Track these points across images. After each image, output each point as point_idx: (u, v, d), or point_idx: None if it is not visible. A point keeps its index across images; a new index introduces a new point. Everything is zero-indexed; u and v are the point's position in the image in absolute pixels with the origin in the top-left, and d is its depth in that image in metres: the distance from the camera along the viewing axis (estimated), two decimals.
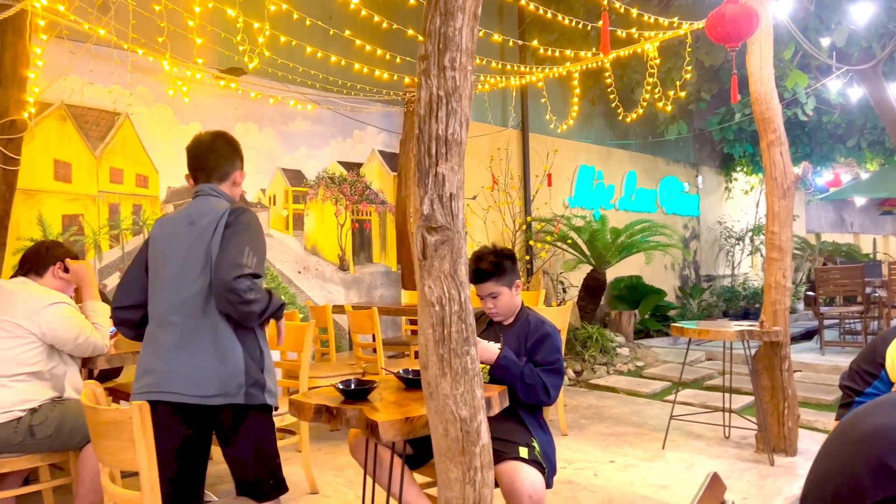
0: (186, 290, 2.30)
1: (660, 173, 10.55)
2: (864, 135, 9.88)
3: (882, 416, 0.91)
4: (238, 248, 2.25)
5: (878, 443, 0.86)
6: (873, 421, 0.90)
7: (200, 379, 2.22)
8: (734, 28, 3.69)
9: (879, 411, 0.93)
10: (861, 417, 0.95)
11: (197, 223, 2.39)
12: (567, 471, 4.15)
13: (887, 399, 0.96)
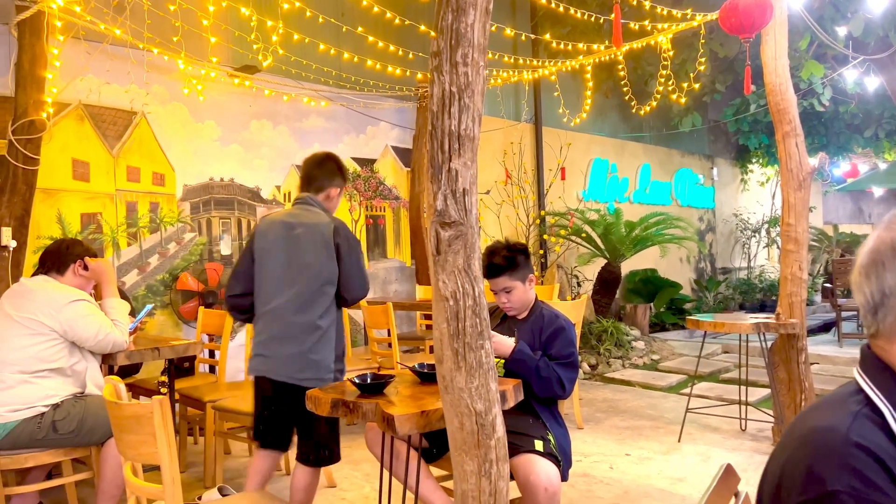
0: (286, 294, 2.88)
1: (674, 166, 10.49)
2: (882, 124, 9.76)
3: (818, 417, 0.90)
4: (359, 269, 2.94)
5: (808, 445, 0.86)
6: (811, 422, 0.90)
7: (296, 365, 2.86)
8: (748, 19, 3.67)
9: (818, 412, 0.92)
10: (805, 417, 0.94)
11: (295, 230, 2.91)
12: (583, 464, 4.16)
13: (828, 399, 0.96)
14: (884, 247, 0.92)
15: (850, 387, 0.95)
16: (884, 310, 0.91)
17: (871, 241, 0.94)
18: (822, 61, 7.17)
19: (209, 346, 4.51)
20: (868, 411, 0.88)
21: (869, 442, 0.83)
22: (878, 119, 9.73)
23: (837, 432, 0.85)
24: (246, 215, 5.76)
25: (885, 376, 0.91)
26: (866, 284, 0.93)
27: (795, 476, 0.85)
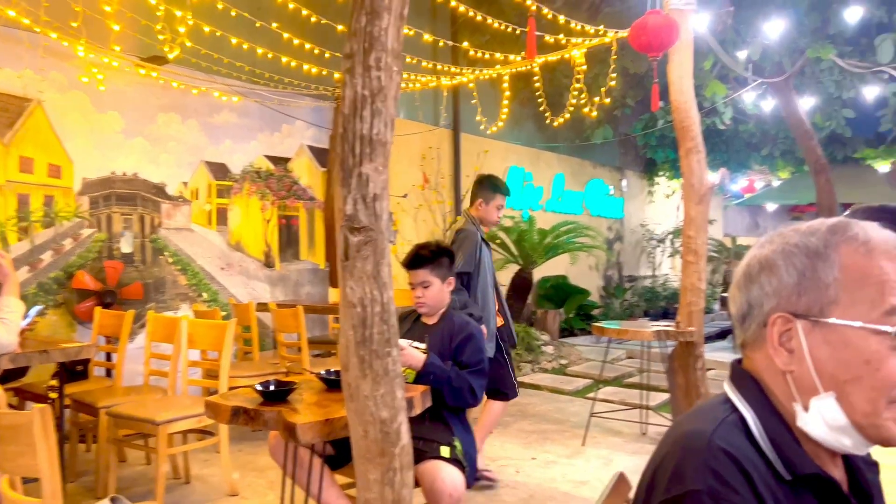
0: None
1: (586, 176, 10.80)
2: (777, 144, 10.38)
3: (690, 423, 0.95)
4: None
5: (677, 447, 0.91)
6: (683, 427, 0.95)
7: None
8: (656, 38, 3.81)
9: (690, 418, 0.98)
10: (679, 422, 0.99)
11: None
12: (490, 468, 4.20)
13: (701, 406, 1.01)
14: (754, 262, 0.99)
15: (719, 398, 1.01)
16: (749, 319, 0.98)
17: (746, 258, 1.01)
18: (724, 82, 7.55)
19: (105, 348, 4.28)
20: (734, 418, 0.94)
21: (731, 446, 0.88)
22: (774, 139, 10.35)
23: (703, 436, 0.90)
24: (150, 212, 5.52)
25: (750, 385, 0.97)
26: (738, 297, 1.00)
27: (663, 476, 0.89)
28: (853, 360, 0.89)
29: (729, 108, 8.23)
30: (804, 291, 0.92)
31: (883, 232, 0.95)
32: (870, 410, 0.89)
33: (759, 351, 0.97)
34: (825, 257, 0.92)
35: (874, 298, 0.89)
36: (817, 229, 0.96)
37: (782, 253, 0.96)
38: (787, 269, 0.94)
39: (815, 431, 0.92)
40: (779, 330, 0.94)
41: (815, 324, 0.91)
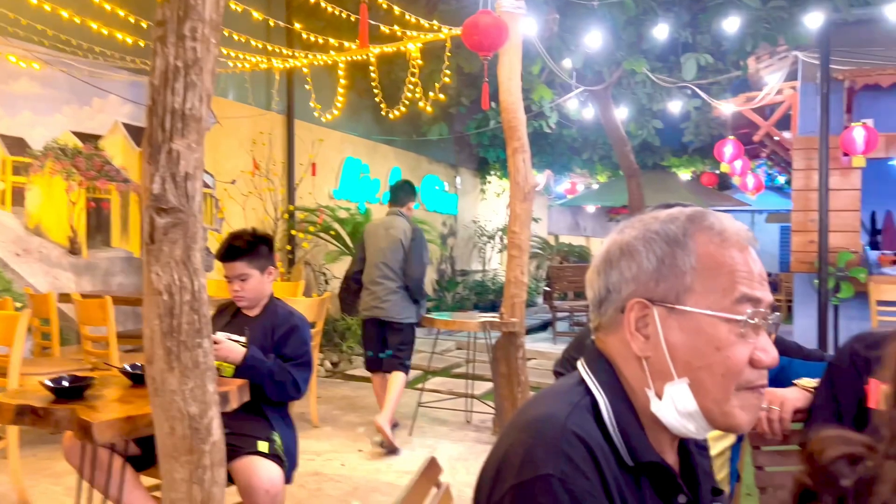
0: (384, 268, 4.74)
1: (422, 171, 10.95)
2: (597, 149, 11.14)
3: (541, 407, 0.96)
4: (419, 257, 4.75)
5: (528, 432, 0.91)
6: (534, 412, 0.95)
7: (395, 310, 4.72)
8: (486, 38, 3.92)
9: (541, 402, 0.98)
10: (529, 406, 0.99)
11: (390, 230, 4.80)
12: (315, 463, 4.12)
13: (552, 389, 1.03)
14: (614, 248, 0.99)
15: (573, 378, 1.00)
16: (606, 304, 0.98)
17: (606, 244, 1.02)
18: (551, 87, 7.95)
19: None
20: (587, 402, 0.94)
21: (583, 431, 0.89)
22: (594, 144, 11.10)
23: (556, 420, 0.89)
24: None
25: (603, 366, 0.98)
26: (596, 281, 1.00)
27: (514, 461, 0.87)
28: (705, 347, 0.91)
29: (555, 113, 8.69)
30: (662, 278, 0.94)
31: (735, 223, 0.98)
32: (720, 397, 0.91)
33: (614, 335, 0.98)
34: (683, 245, 0.94)
35: (726, 287, 0.92)
36: (676, 217, 0.98)
37: (643, 239, 0.97)
38: (648, 256, 0.95)
39: (665, 417, 0.93)
40: (636, 315, 0.94)
41: (671, 310, 0.93)
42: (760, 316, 0.92)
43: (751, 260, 0.95)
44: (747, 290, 0.92)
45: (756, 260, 0.97)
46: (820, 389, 1.70)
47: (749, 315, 0.91)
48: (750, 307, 0.92)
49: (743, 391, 0.92)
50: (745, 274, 0.93)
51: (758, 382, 0.93)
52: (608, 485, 0.86)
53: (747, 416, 0.93)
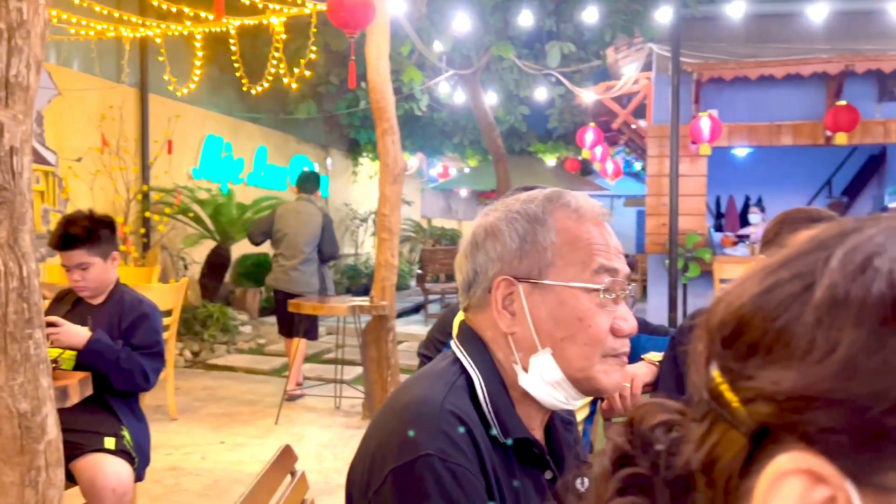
0: (297, 246, 5.43)
1: (291, 151, 10.63)
2: (467, 133, 11.30)
3: (417, 389, 0.97)
4: (332, 237, 5.61)
5: (405, 414, 0.92)
6: (410, 394, 0.96)
7: (302, 285, 5.41)
8: (352, 16, 3.83)
9: (418, 384, 0.99)
10: (405, 389, 1.00)
11: (301, 213, 5.52)
12: (173, 457, 3.91)
13: (427, 371, 1.03)
14: (479, 230, 1.02)
15: (448, 358, 1.02)
16: (475, 285, 1.01)
17: (472, 227, 1.04)
18: (421, 69, 7.94)
19: None
20: (462, 381, 0.96)
21: (460, 410, 0.90)
22: (464, 128, 11.24)
23: (434, 401, 0.91)
24: None
25: (476, 345, 1.00)
26: (465, 264, 1.02)
27: (392, 444, 0.88)
28: (568, 318, 0.95)
29: (425, 96, 8.70)
30: (525, 255, 0.97)
31: (590, 200, 1.03)
32: (584, 364, 0.95)
33: (483, 314, 1.00)
34: (543, 222, 0.98)
35: (584, 260, 0.96)
36: (535, 197, 1.01)
37: (505, 220, 1.00)
38: (510, 235, 0.98)
39: (533, 390, 0.96)
40: (502, 293, 0.97)
41: (534, 286, 0.96)
42: (618, 286, 0.97)
43: (606, 234, 1.00)
44: (605, 261, 0.97)
45: (611, 234, 1.02)
46: (664, 363, 1.80)
47: (607, 284, 0.95)
48: (608, 277, 0.96)
49: (607, 358, 0.96)
50: (602, 246, 0.98)
51: (620, 350, 0.98)
52: (484, 462, 0.89)
53: (611, 380, 0.98)
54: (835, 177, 10.78)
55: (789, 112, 7.38)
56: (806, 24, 6.59)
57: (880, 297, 0.31)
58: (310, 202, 5.61)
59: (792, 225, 1.66)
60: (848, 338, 0.31)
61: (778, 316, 0.33)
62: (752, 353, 0.34)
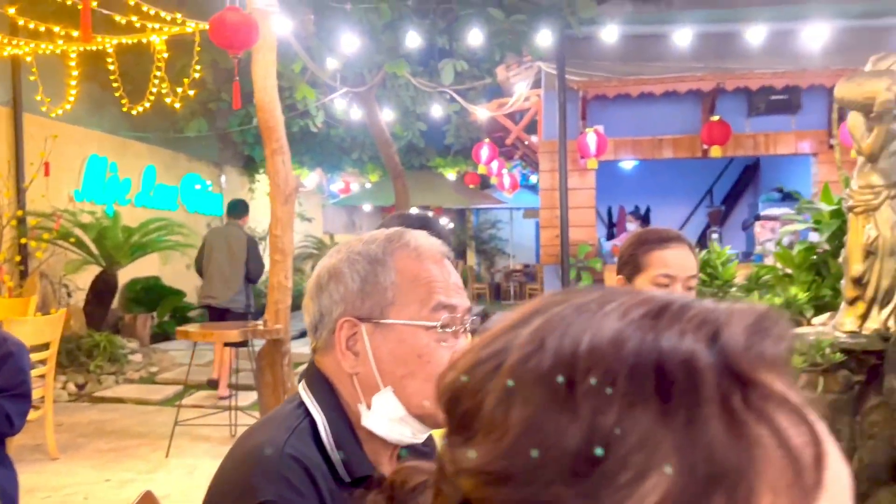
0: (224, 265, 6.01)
1: (182, 170, 10.27)
2: (366, 149, 11.28)
3: (260, 434, 0.97)
4: (259, 259, 6.24)
5: (247, 461, 0.91)
6: (253, 440, 0.95)
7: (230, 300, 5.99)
8: (235, 36, 3.76)
9: (261, 429, 0.99)
10: (248, 435, 1.00)
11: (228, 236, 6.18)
12: (52, 500, 3.69)
13: (272, 415, 1.04)
14: (323, 272, 1.03)
15: (294, 401, 1.02)
16: (321, 327, 1.01)
17: (317, 269, 1.04)
18: (316, 86, 7.88)
19: None
20: (306, 424, 0.96)
21: (301, 454, 0.90)
22: (363, 144, 11.22)
23: (276, 446, 0.90)
24: None
25: (322, 387, 1.00)
26: (311, 306, 1.03)
27: (234, 491, 0.87)
28: (408, 355, 0.96)
29: (321, 112, 8.63)
30: (367, 296, 0.98)
31: (430, 239, 1.05)
32: (425, 400, 0.96)
33: (330, 356, 1.01)
34: (383, 263, 0.99)
35: (423, 298, 0.98)
36: (376, 238, 1.03)
37: (347, 261, 1.01)
38: (352, 276, 0.99)
39: (377, 428, 0.97)
40: (346, 334, 0.98)
41: (376, 325, 0.98)
42: (457, 321, 0.99)
43: (445, 271, 1.03)
44: (443, 298, 0.99)
45: (451, 271, 1.05)
46: None
47: (444, 321, 0.98)
48: (446, 313, 0.99)
49: None
50: (441, 284, 1.00)
51: None
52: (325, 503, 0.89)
53: None
54: (715, 186, 11.46)
55: (669, 127, 7.80)
56: (681, 44, 7.00)
57: (544, 376, 0.33)
58: (236, 226, 6.24)
59: (644, 246, 1.75)
60: (518, 416, 0.33)
61: (477, 392, 0.35)
62: (462, 425, 0.36)
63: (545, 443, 0.32)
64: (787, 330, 0.36)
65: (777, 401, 0.32)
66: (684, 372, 0.32)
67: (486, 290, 15.39)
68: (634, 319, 0.35)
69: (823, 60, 6.75)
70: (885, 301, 2.92)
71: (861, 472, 2.73)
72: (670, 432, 0.31)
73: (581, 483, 0.32)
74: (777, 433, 0.31)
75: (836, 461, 0.33)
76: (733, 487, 0.30)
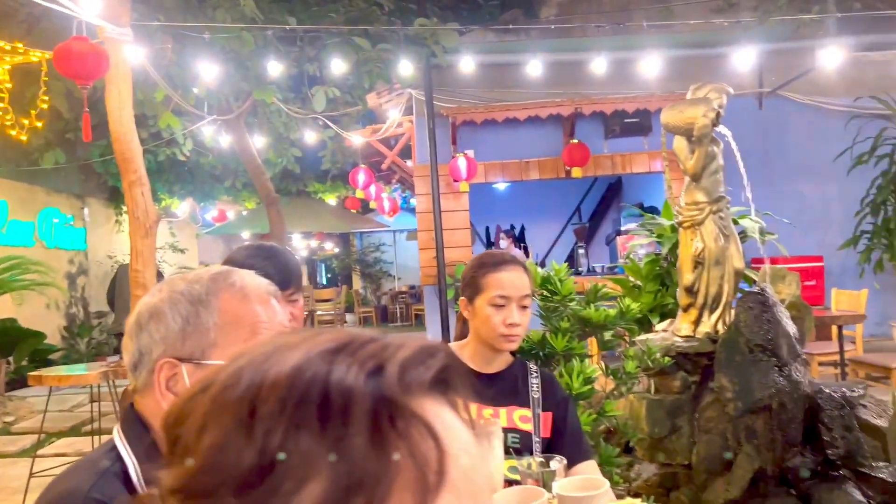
0: None
1: (39, 204, 9.64)
2: (239, 176, 11.04)
3: (66, 481, 0.95)
4: None
5: None
6: (58, 487, 0.94)
7: None
8: (82, 66, 3.63)
9: (68, 475, 0.98)
10: (56, 481, 0.98)
11: None
12: None
13: (82, 460, 1.02)
14: (144, 310, 1.01)
15: (107, 445, 0.99)
16: (140, 367, 1.00)
17: (137, 307, 1.03)
18: (182, 114, 7.66)
19: None
20: (118, 467, 0.94)
21: (108, 498, 0.89)
22: (235, 172, 10.97)
23: (79, 493, 0.88)
24: None
25: (136, 429, 0.99)
26: (130, 345, 1.01)
27: None
28: None
29: (189, 140, 8.39)
30: (188, 336, 0.98)
31: (257, 279, 1.06)
32: None
33: (150, 397, 0.99)
34: (207, 304, 0.99)
35: (247, 339, 0.99)
36: (201, 277, 1.02)
37: (169, 300, 1.00)
38: (173, 317, 0.98)
39: None
40: (166, 375, 0.97)
41: (197, 366, 0.97)
42: None
43: (271, 311, 1.05)
44: None
45: (277, 310, 1.08)
46: None
47: None
48: None
49: None
50: (266, 325, 1.03)
51: None
52: None
53: None
54: (582, 204, 12.08)
55: (534, 150, 8.19)
56: (540, 72, 7.39)
57: (233, 404, 0.40)
58: None
59: (482, 269, 1.87)
60: (208, 440, 0.39)
61: (185, 419, 0.41)
62: (171, 449, 0.42)
63: (225, 462, 0.39)
64: (442, 359, 0.44)
65: (415, 421, 0.40)
66: (342, 399, 0.39)
67: (372, 313, 15.36)
68: (317, 354, 0.42)
69: (668, 85, 7.34)
70: (714, 306, 3.22)
71: (699, 465, 2.98)
72: (325, 449, 0.38)
73: (251, 494, 0.38)
74: (409, 446, 0.39)
75: (462, 463, 0.41)
76: (371, 491, 0.38)
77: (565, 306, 2.39)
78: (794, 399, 2.80)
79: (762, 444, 2.79)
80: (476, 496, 0.42)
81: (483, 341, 1.86)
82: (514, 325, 1.79)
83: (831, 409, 2.77)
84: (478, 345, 1.88)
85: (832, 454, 2.72)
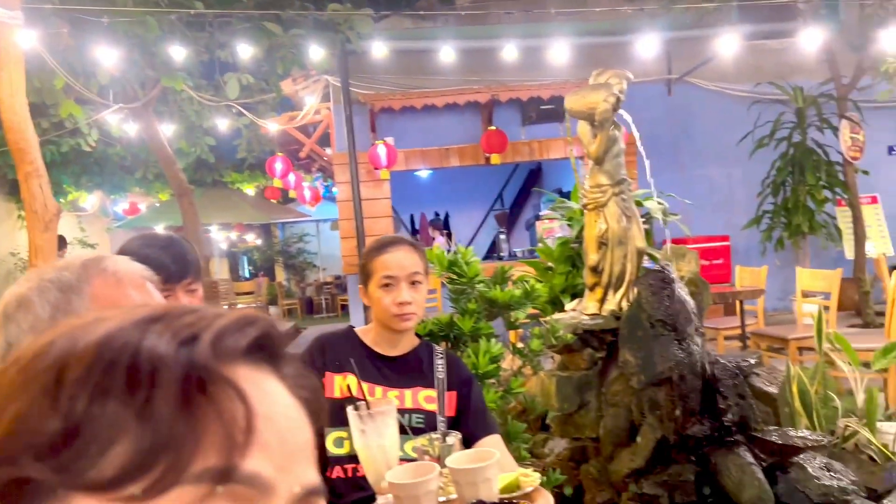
0: None
1: None
2: (150, 167, 10.64)
3: None
4: None
5: None
6: None
7: None
8: None
9: None
10: None
11: None
12: None
13: None
14: (12, 300, 0.97)
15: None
16: None
17: (5, 296, 0.99)
18: (85, 103, 7.32)
19: None
20: None
21: None
22: (146, 162, 10.58)
23: None
24: None
25: None
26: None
27: None
28: None
29: (94, 130, 8.03)
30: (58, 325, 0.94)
31: (132, 264, 1.03)
32: None
33: None
34: (78, 290, 0.96)
35: None
36: (72, 264, 0.99)
37: (37, 289, 0.96)
38: (42, 305, 0.95)
39: None
40: None
41: None
42: None
43: (147, 296, 1.03)
44: None
45: (155, 295, 1.06)
46: None
47: None
48: None
49: None
50: None
51: None
52: None
53: None
54: (504, 190, 12.25)
55: (453, 137, 8.24)
56: (457, 59, 7.43)
57: (40, 373, 0.41)
58: None
59: (370, 254, 1.91)
60: (13, 409, 0.40)
61: None
62: None
63: (28, 428, 0.39)
64: (260, 327, 0.45)
65: (224, 384, 0.41)
66: (150, 365, 0.40)
67: (297, 305, 15.14)
68: (131, 323, 0.43)
69: (581, 72, 7.50)
70: (618, 285, 3.33)
71: (606, 437, 3.09)
72: (131, 414, 0.39)
73: (56, 459, 0.39)
74: (217, 409, 0.41)
75: (277, 424, 0.43)
76: (176, 451, 0.39)
77: (472, 288, 2.43)
78: (692, 370, 2.94)
79: (664, 415, 2.92)
80: (293, 455, 0.44)
81: (382, 324, 1.88)
82: (405, 304, 1.82)
83: (726, 378, 2.92)
84: (379, 328, 1.91)
85: (727, 421, 2.87)
